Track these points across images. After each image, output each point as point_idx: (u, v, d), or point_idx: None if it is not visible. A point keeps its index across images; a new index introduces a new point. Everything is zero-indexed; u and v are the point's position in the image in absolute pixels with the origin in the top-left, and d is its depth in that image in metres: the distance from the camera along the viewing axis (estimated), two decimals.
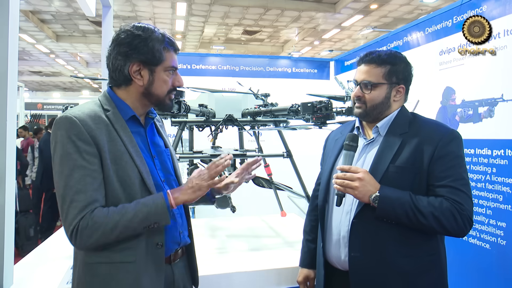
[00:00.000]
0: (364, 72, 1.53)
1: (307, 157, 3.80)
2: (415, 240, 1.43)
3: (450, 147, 1.43)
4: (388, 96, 1.52)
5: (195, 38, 14.74)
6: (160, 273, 1.26)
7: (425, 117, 1.58)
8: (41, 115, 13.29)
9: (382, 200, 1.37)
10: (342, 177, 1.41)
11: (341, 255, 1.51)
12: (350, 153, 1.47)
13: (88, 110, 1.24)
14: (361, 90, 1.52)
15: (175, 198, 1.24)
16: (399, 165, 1.43)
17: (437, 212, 1.36)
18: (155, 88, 1.30)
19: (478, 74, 2.49)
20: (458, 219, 1.37)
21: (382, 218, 1.41)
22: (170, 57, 1.31)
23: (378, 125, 1.54)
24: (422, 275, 1.42)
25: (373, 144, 1.54)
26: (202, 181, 1.27)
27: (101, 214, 1.16)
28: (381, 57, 1.52)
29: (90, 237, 1.15)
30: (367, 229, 1.43)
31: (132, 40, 1.25)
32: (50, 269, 2.03)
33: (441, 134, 1.44)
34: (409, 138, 1.46)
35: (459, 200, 1.38)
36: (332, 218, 1.57)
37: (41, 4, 11.01)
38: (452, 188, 1.39)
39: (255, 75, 4.67)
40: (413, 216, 1.36)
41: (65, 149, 1.17)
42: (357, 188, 1.38)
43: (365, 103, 1.52)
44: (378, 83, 1.50)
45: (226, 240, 2.63)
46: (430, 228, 1.39)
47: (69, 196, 1.15)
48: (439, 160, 1.41)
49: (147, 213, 1.19)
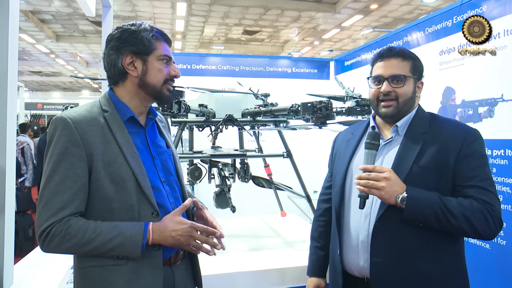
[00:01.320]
0: (393, 66, 1.44)
1: (307, 157, 3.81)
2: (439, 244, 1.37)
3: (474, 147, 1.38)
4: (414, 92, 1.47)
5: (195, 38, 14.74)
6: (157, 276, 1.23)
7: (443, 117, 1.54)
8: (41, 115, 13.28)
9: (411, 200, 1.30)
10: (366, 177, 1.32)
11: (359, 261, 1.44)
12: (372, 152, 1.39)
13: (85, 112, 1.24)
14: (390, 85, 1.43)
15: (154, 239, 1.20)
16: (424, 165, 1.36)
17: (468, 213, 1.29)
18: (150, 78, 1.29)
19: (478, 74, 2.49)
20: (489, 220, 1.31)
21: (410, 221, 1.33)
22: (161, 46, 1.31)
23: (398, 124, 1.47)
24: (447, 280, 1.36)
25: (392, 144, 1.47)
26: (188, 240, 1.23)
27: (77, 226, 1.14)
28: (406, 51, 1.47)
29: (58, 245, 1.14)
30: (390, 233, 1.36)
31: (121, 34, 1.28)
32: (50, 269, 2.03)
33: (465, 133, 1.39)
34: (431, 138, 1.40)
35: (489, 200, 1.33)
36: (350, 222, 1.48)
37: (41, 4, 11.01)
38: (481, 188, 1.34)
39: (255, 75, 4.66)
40: (443, 217, 1.29)
41: (53, 149, 1.18)
42: (384, 188, 1.30)
43: (396, 98, 1.43)
44: (409, 76, 1.44)
45: (226, 240, 2.61)
46: (460, 230, 1.32)
47: (46, 197, 1.15)
48: (464, 159, 1.36)
49: (120, 243, 1.16)
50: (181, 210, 1.28)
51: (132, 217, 1.22)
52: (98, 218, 1.20)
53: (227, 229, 2.91)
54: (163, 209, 1.29)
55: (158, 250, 1.24)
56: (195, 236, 1.24)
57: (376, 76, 1.47)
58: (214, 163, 2.92)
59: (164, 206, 1.30)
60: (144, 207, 1.24)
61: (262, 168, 3.16)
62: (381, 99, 1.45)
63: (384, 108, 1.45)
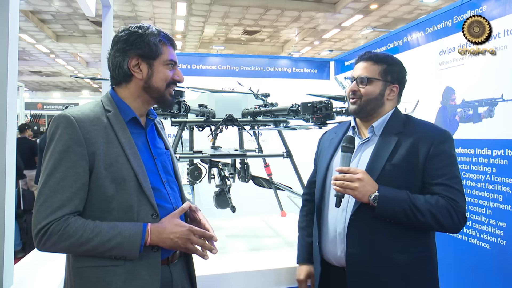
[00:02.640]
0: (361, 68, 1.59)
1: (307, 157, 3.80)
2: (409, 236, 1.48)
3: (443, 147, 1.49)
4: (382, 93, 1.57)
5: (195, 38, 14.74)
6: (155, 276, 1.23)
7: (418, 118, 1.65)
8: (41, 115, 13.28)
9: (382, 199, 1.41)
10: (341, 178, 1.44)
11: (337, 251, 1.55)
12: (348, 155, 1.50)
13: (88, 110, 1.24)
14: (357, 85, 1.58)
15: (152, 240, 1.21)
16: (396, 163, 1.47)
17: (434, 210, 1.41)
18: (155, 81, 1.30)
19: (478, 74, 2.49)
20: (453, 216, 1.43)
21: (381, 217, 1.44)
22: (168, 51, 1.32)
23: (373, 124, 1.58)
24: (417, 269, 1.48)
25: (368, 143, 1.58)
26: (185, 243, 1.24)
27: (76, 225, 1.14)
28: (379, 56, 1.59)
29: (55, 244, 1.13)
30: (364, 226, 1.47)
31: (129, 37, 1.28)
32: (50, 269, 2.03)
33: (435, 134, 1.51)
34: (404, 137, 1.51)
35: (454, 197, 1.44)
36: (328, 215, 1.60)
37: (41, 4, 11.02)
38: (447, 186, 1.45)
39: (255, 75, 4.66)
40: (411, 214, 1.41)
41: (55, 147, 1.17)
42: (357, 188, 1.42)
43: (360, 97, 1.57)
44: (373, 78, 1.56)
45: (226, 240, 2.63)
46: (427, 225, 1.44)
47: (45, 194, 1.14)
48: (433, 159, 1.47)
49: (119, 243, 1.16)
50: (180, 213, 1.30)
51: (131, 218, 1.22)
52: (96, 218, 1.19)
53: (227, 229, 2.92)
54: (164, 210, 1.29)
55: (156, 251, 1.24)
56: (192, 239, 1.26)
57: (351, 76, 1.64)
58: (214, 163, 2.92)
59: (164, 207, 1.30)
60: (144, 208, 1.24)
61: (262, 168, 3.15)
62: (350, 97, 1.60)
63: (350, 105, 1.60)
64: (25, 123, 8.06)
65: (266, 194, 3.41)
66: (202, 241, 1.29)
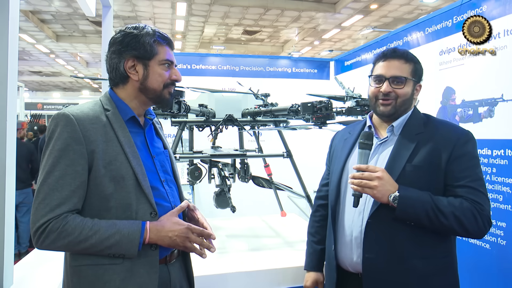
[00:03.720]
0: (394, 67, 1.47)
1: (307, 157, 3.81)
2: (430, 241, 1.40)
3: (466, 148, 1.41)
4: (413, 93, 1.50)
5: (195, 38, 14.73)
6: (154, 275, 1.23)
7: (438, 118, 1.58)
8: (41, 115, 13.26)
9: (402, 200, 1.33)
10: (359, 176, 1.36)
11: (353, 256, 1.47)
12: (366, 152, 1.42)
13: (88, 109, 1.25)
14: (390, 85, 1.46)
15: (150, 239, 1.21)
16: (416, 165, 1.40)
17: (458, 212, 1.33)
18: (151, 82, 1.30)
19: (478, 74, 2.49)
20: (478, 220, 1.34)
21: (401, 219, 1.36)
22: (164, 50, 1.31)
23: (394, 124, 1.50)
24: (437, 276, 1.39)
25: (387, 143, 1.51)
26: (183, 241, 1.25)
27: (74, 223, 1.14)
28: (408, 54, 1.51)
29: (54, 242, 1.13)
30: (382, 229, 1.40)
31: (124, 38, 1.28)
32: (50, 269, 2.03)
33: (458, 135, 1.43)
34: (425, 138, 1.44)
35: (478, 200, 1.36)
36: (344, 218, 1.52)
37: (41, 4, 11.01)
38: (471, 188, 1.37)
39: (255, 75, 4.66)
40: (434, 216, 1.33)
41: (54, 145, 1.17)
42: (376, 187, 1.34)
43: (395, 98, 1.46)
44: (409, 78, 1.47)
45: (226, 240, 2.63)
46: (450, 229, 1.36)
47: (43, 192, 1.14)
48: (456, 160, 1.39)
49: (117, 241, 1.16)
50: (178, 211, 1.30)
51: (130, 216, 1.22)
52: (95, 216, 1.19)
53: (227, 229, 2.92)
54: (162, 208, 1.30)
55: (155, 249, 1.24)
56: (191, 238, 1.26)
57: (377, 75, 1.50)
58: (214, 163, 2.92)
59: (163, 206, 1.31)
60: (142, 207, 1.24)
61: (262, 168, 3.15)
62: (380, 98, 1.48)
63: (382, 106, 1.49)
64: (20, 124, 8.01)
65: (266, 194, 3.41)
66: (200, 239, 1.29)
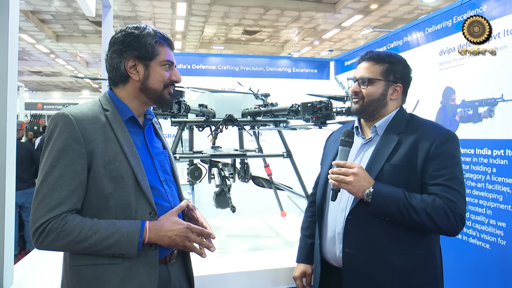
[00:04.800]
0: (363, 68, 1.57)
1: (307, 157, 3.80)
2: (409, 237, 1.44)
3: (445, 147, 1.44)
4: (384, 94, 1.56)
5: (195, 38, 14.73)
6: (153, 275, 1.23)
7: (422, 118, 1.61)
8: (41, 115, 13.26)
9: (376, 195, 1.39)
10: (337, 172, 1.44)
11: (336, 251, 1.54)
12: (346, 149, 1.50)
13: (87, 109, 1.25)
14: (359, 86, 1.56)
15: (150, 238, 1.21)
16: (394, 163, 1.45)
17: (429, 209, 1.37)
18: (152, 83, 1.30)
19: (478, 74, 2.49)
20: (450, 217, 1.38)
21: (376, 214, 1.42)
22: (164, 51, 1.32)
23: (376, 124, 1.57)
24: (416, 273, 1.44)
25: (371, 143, 1.57)
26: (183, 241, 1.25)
27: (74, 223, 1.14)
28: (380, 56, 1.57)
29: (53, 242, 1.13)
30: (361, 225, 1.46)
31: (125, 38, 1.28)
32: (50, 269, 2.03)
33: (437, 133, 1.47)
34: (405, 137, 1.49)
35: (452, 198, 1.39)
36: (329, 215, 1.60)
37: (41, 4, 11.02)
38: (446, 186, 1.41)
39: (255, 75, 4.66)
40: (406, 212, 1.37)
41: (53, 145, 1.17)
42: (351, 183, 1.40)
43: (362, 98, 1.55)
44: (375, 78, 1.54)
45: (226, 240, 2.63)
46: (422, 225, 1.39)
47: (43, 192, 1.14)
48: (433, 159, 1.43)
49: (117, 241, 1.16)
50: (178, 211, 1.31)
51: (129, 216, 1.22)
52: (94, 216, 1.19)
53: (227, 229, 2.92)
54: (162, 208, 1.30)
55: (155, 249, 1.24)
56: (190, 237, 1.26)
57: (353, 77, 1.62)
58: (214, 163, 2.92)
59: (162, 205, 1.31)
60: (142, 206, 1.24)
61: (262, 168, 3.15)
62: (352, 97, 1.60)
63: (353, 105, 1.60)
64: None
65: (266, 194, 3.41)
66: (200, 238, 1.29)
